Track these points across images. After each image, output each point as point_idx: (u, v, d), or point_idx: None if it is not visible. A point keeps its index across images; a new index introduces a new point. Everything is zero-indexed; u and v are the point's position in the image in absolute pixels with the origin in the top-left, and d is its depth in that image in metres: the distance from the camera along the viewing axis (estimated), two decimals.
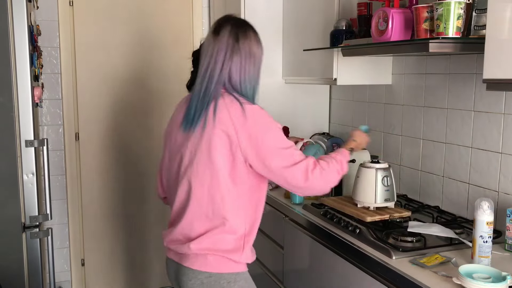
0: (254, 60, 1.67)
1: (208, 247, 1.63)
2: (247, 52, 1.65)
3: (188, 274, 1.65)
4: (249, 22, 1.74)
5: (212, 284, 1.62)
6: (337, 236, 1.96)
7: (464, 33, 1.71)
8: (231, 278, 1.64)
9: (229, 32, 1.65)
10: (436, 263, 1.62)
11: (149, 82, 3.42)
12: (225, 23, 1.68)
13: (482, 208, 1.58)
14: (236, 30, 1.66)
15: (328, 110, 3.19)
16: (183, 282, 1.67)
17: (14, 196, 1.98)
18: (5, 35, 1.91)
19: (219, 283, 1.63)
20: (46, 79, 3.18)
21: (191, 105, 1.65)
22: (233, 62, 1.64)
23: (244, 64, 1.65)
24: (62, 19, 3.18)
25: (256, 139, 1.58)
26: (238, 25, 1.68)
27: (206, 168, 1.62)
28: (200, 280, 1.63)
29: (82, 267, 3.45)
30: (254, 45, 1.68)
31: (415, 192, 2.44)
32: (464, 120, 2.13)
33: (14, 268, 2.02)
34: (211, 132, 1.59)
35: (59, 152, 3.30)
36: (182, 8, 3.44)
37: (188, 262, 1.65)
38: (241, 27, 1.68)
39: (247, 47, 1.65)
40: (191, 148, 1.64)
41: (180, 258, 1.69)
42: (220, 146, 1.59)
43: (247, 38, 1.66)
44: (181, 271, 1.68)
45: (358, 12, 2.31)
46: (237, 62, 1.64)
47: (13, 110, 1.95)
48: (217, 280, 1.63)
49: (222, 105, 1.60)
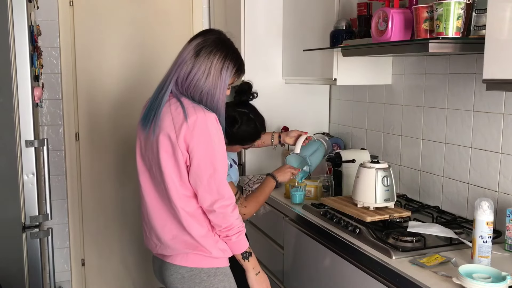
0: (206, 78, 1.64)
1: (183, 248, 1.69)
2: (201, 69, 1.64)
3: (170, 269, 1.73)
4: (226, 42, 1.71)
5: (193, 278, 1.70)
6: (337, 236, 1.96)
7: (464, 33, 1.71)
8: (210, 272, 1.70)
9: (195, 45, 1.67)
10: (436, 263, 1.62)
11: (149, 82, 3.41)
12: (199, 36, 1.70)
13: (482, 208, 1.58)
14: (203, 46, 1.66)
15: (328, 110, 3.19)
16: (166, 276, 1.75)
17: (14, 196, 1.98)
18: (5, 35, 1.91)
19: (199, 277, 1.70)
20: (46, 79, 3.18)
21: (147, 107, 1.73)
22: (183, 71, 1.66)
23: (193, 76, 1.64)
24: (62, 19, 3.18)
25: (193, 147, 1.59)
26: (210, 43, 1.67)
27: (158, 173, 1.68)
28: (181, 274, 1.70)
29: (82, 267, 3.46)
30: (214, 66, 1.65)
31: (415, 192, 2.44)
32: (464, 120, 2.13)
33: (14, 268, 2.02)
34: (156, 137, 1.64)
35: (59, 152, 3.30)
36: (182, 8, 3.44)
37: (170, 258, 1.73)
38: (209, 46, 1.66)
39: (203, 66, 1.64)
40: (148, 148, 1.70)
41: (163, 255, 1.77)
42: (164, 150, 1.62)
43: (207, 58, 1.65)
44: (164, 267, 1.76)
45: (358, 12, 2.31)
46: (186, 72, 1.65)
47: (13, 110, 1.95)
48: (197, 273, 1.70)
49: (167, 111, 1.64)
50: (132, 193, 3.48)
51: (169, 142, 1.61)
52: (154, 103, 1.68)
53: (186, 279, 1.70)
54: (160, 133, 1.63)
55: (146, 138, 1.73)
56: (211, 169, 1.61)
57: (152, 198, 1.74)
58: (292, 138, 2.31)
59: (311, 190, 2.47)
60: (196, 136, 1.59)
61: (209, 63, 1.64)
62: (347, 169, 2.43)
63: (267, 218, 2.67)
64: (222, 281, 1.72)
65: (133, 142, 3.68)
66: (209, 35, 1.70)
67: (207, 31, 1.76)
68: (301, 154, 2.23)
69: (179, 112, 1.61)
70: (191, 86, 1.65)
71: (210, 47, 1.66)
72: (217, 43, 1.68)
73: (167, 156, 1.63)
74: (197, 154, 1.60)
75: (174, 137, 1.60)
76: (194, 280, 1.69)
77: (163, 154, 1.63)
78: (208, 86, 1.65)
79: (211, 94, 1.66)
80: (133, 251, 3.54)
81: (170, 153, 1.62)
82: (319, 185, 2.49)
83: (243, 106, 2.09)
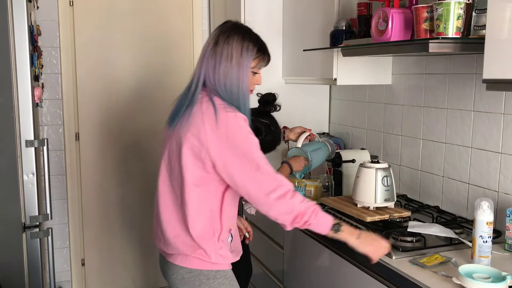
0: (230, 62, 1.63)
1: (184, 249, 1.68)
2: (224, 55, 1.63)
3: (171, 269, 1.72)
4: (242, 26, 1.71)
5: (192, 279, 1.68)
6: None
7: (464, 33, 1.71)
8: (210, 275, 1.68)
9: (212, 36, 1.68)
10: (436, 263, 1.62)
11: (149, 81, 3.42)
12: (217, 28, 1.71)
13: (482, 208, 1.58)
14: (220, 34, 1.66)
15: (328, 110, 3.19)
16: (168, 276, 1.76)
17: (14, 196, 1.99)
18: (5, 35, 1.91)
19: (198, 279, 1.68)
20: (46, 79, 3.18)
21: (177, 104, 1.71)
22: (209, 65, 1.64)
23: (218, 66, 1.63)
24: (62, 19, 3.18)
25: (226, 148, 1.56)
26: (226, 29, 1.67)
27: (179, 167, 1.64)
28: (181, 275, 1.69)
29: (82, 267, 3.45)
30: (234, 48, 1.64)
31: (415, 192, 2.44)
32: (464, 120, 2.13)
33: (14, 268, 2.02)
34: (183, 134, 1.61)
35: (59, 152, 3.30)
36: (182, 8, 3.44)
37: (171, 258, 1.72)
38: (226, 32, 1.67)
39: (224, 51, 1.63)
40: (173, 145, 1.67)
41: (166, 254, 1.76)
42: (189, 147, 1.59)
43: (227, 42, 1.64)
44: (166, 265, 1.77)
45: (358, 12, 2.32)
46: (212, 65, 1.64)
47: (13, 110, 1.95)
48: (197, 275, 1.68)
49: (197, 109, 1.61)
50: (132, 192, 3.48)
51: (197, 141, 1.58)
52: (185, 100, 1.66)
53: (186, 280, 1.68)
54: (188, 131, 1.59)
55: (170, 134, 1.70)
56: (254, 166, 1.56)
57: (165, 193, 1.72)
58: (295, 134, 2.33)
59: (311, 190, 2.47)
60: (230, 138, 1.56)
61: (229, 46, 1.64)
62: (347, 169, 2.43)
63: (267, 218, 2.66)
64: (223, 284, 1.69)
65: (133, 142, 3.69)
66: (225, 24, 1.71)
67: (223, 23, 1.74)
68: (302, 149, 2.23)
69: (210, 112, 1.58)
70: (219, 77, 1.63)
71: (226, 32, 1.66)
72: (233, 27, 1.68)
73: (191, 154, 1.59)
74: (234, 156, 1.56)
75: (203, 137, 1.57)
76: (194, 282, 1.67)
77: (186, 150, 1.59)
78: (234, 72, 1.63)
79: (236, 79, 1.63)
80: (133, 251, 3.54)
81: (195, 152, 1.59)
82: (319, 185, 2.49)
83: (265, 116, 2.11)
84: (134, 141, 3.45)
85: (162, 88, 3.42)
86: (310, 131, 2.31)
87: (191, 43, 3.46)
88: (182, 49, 3.46)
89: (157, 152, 3.46)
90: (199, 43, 3.46)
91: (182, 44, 3.46)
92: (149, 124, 3.44)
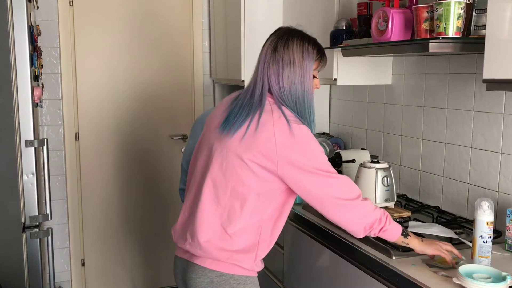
0: (293, 67, 1.61)
1: (216, 254, 1.61)
2: (285, 60, 1.61)
3: (197, 271, 1.63)
4: (297, 30, 1.68)
5: (222, 283, 1.61)
6: (337, 236, 1.96)
7: (464, 33, 1.71)
8: (241, 280, 1.62)
9: (270, 42, 1.65)
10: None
11: (148, 81, 3.42)
12: (273, 34, 1.68)
13: (482, 208, 1.58)
14: (278, 39, 1.64)
15: (328, 110, 3.19)
16: (192, 279, 1.64)
17: (14, 196, 1.99)
18: (5, 35, 1.91)
19: (229, 283, 1.61)
20: (46, 79, 3.18)
21: (234, 109, 1.63)
22: (271, 72, 1.61)
23: (282, 72, 1.60)
24: (62, 19, 3.18)
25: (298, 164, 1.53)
26: (283, 34, 1.65)
27: (234, 175, 1.58)
28: (210, 278, 1.61)
29: (82, 267, 3.46)
30: (296, 52, 1.61)
31: (415, 192, 2.44)
32: (464, 120, 2.13)
33: (14, 268, 2.02)
34: (247, 145, 1.55)
35: (59, 152, 3.30)
36: (182, 8, 3.44)
37: (199, 260, 1.63)
38: (284, 36, 1.64)
39: (286, 56, 1.61)
40: (225, 151, 1.60)
41: (190, 256, 1.67)
42: (255, 159, 1.55)
43: (286, 46, 1.62)
44: (190, 268, 1.66)
45: (358, 12, 2.31)
46: (275, 72, 1.61)
47: (13, 110, 1.95)
48: (227, 280, 1.61)
49: (269, 119, 1.56)
50: (132, 192, 3.48)
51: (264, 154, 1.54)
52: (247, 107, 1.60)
53: (215, 283, 1.61)
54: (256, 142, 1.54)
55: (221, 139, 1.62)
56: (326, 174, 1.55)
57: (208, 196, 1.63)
58: None
59: None
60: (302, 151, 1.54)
61: (290, 51, 1.61)
62: (347, 169, 2.43)
63: None
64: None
65: (133, 142, 3.68)
66: (279, 30, 1.69)
67: (277, 29, 1.72)
68: None
69: (282, 123, 1.54)
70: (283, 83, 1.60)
71: (284, 37, 1.64)
72: (289, 32, 1.66)
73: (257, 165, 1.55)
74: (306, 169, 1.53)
75: (273, 150, 1.53)
76: (224, 286, 1.60)
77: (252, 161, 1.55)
78: (297, 76, 1.61)
79: (300, 83, 1.61)
80: (133, 251, 3.54)
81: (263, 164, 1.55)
82: None
83: None
84: (134, 141, 3.45)
85: (162, 87, 3.42)
86: None
87: (191, 43, 3.46)
88: (182, 49, 3.46)
89: (157, 151, 3.48)
90: (199, 43, 3.47)
91: (182, 44, 3.46)
92: (149, 123, 3.44)
